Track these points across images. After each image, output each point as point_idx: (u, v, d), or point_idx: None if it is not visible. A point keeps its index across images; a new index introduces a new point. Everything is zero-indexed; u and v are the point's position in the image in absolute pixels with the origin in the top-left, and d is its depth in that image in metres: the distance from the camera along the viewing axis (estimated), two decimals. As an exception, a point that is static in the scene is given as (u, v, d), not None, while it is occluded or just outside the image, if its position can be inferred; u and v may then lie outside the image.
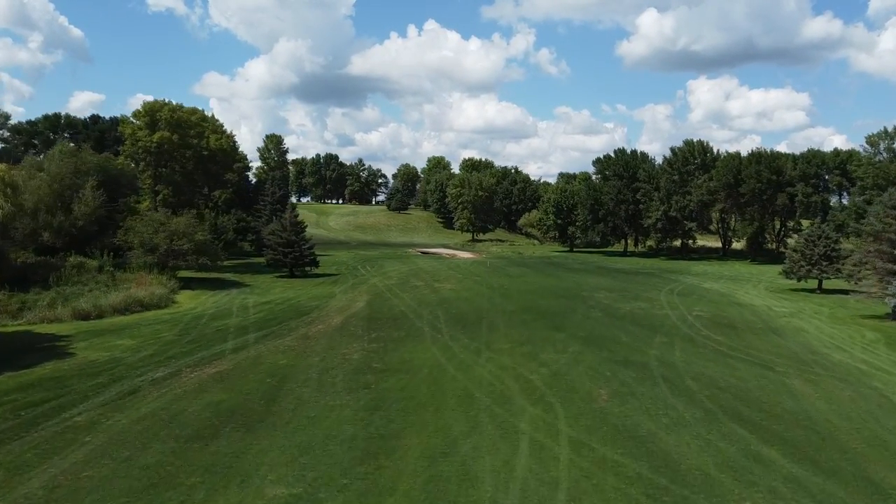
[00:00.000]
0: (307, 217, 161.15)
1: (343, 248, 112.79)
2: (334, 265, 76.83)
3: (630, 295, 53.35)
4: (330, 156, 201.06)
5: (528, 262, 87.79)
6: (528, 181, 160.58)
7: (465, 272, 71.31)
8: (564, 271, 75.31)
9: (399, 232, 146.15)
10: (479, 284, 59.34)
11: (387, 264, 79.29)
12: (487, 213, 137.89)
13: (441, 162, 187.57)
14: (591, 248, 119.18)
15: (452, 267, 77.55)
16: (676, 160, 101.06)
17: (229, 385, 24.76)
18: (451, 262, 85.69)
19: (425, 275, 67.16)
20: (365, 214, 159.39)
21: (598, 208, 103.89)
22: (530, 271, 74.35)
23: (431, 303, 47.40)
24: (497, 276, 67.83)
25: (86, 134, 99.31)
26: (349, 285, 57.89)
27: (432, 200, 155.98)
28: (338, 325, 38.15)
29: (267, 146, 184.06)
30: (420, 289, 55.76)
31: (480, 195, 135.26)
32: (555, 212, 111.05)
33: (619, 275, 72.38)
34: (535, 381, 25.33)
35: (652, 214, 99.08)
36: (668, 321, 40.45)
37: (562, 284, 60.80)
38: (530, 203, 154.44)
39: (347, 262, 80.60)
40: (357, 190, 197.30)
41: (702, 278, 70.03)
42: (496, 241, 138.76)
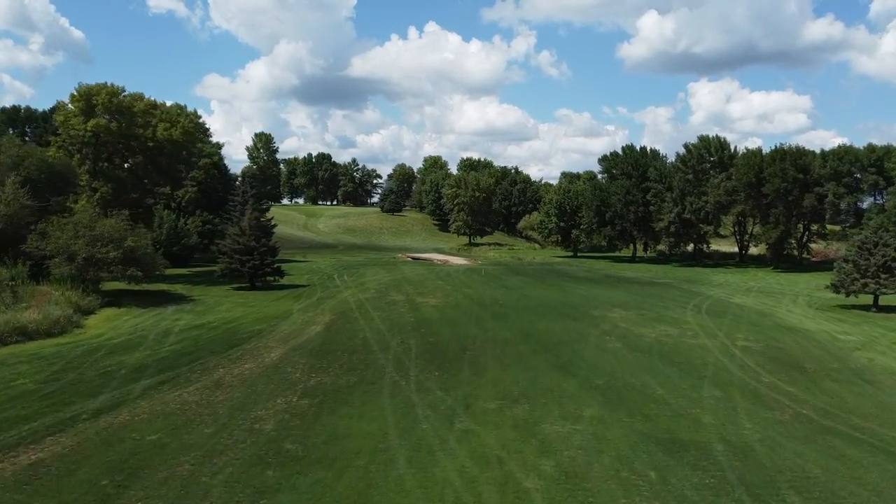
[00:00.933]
0: (295, 219, 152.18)
1: (328, 252, 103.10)
2: (308, 274, 67.03)
3: (650, 314, 43.45)
4: (322, 155, 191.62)
5: (528, 270, 77.99)
6: (528, 182, 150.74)
7: (456, 282, 61.49)
8: (569, 281, 65.43)
9: (391, 235, 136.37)
10: (469, 299, 49.48)
11: (368, 272, 69.49)
12: (485, 215, 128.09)
13: (438, 162, 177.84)
14: (596, 253, 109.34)
15: (442, 276, 67.72)
16: (691, 157, 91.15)
17: (28, 497, 14.94)
18: (442, 269, 75.92)
19: (409, 286, 57.37)
20: (356, 216, 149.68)
21: (605, 210, 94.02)
22: (530, 281, 64.50)
23: (406, 326, 37.58)
24: (492, 287, 58.02)
25: (44, 127, 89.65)
26: (314, 300, 48.07)
27: (427, 202, 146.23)
28: (271, 364, 28.30)
29: (256, 145, 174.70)
30: (398, 305, 45.93)
31: (478, 196, 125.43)
32: (557, 214, 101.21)
33: (632, 286, 62.51)
34: (532, 494, 15.43)
35: (664, 217, 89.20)
36: (710, 357, 30.56)
37: (567, 299, 50.94)
38: (531, 205, 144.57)
39: (324, 270, 70.81)
40: (350, 191, 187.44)
41: (727, 290, 60.08)
42: (494, 244, 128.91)
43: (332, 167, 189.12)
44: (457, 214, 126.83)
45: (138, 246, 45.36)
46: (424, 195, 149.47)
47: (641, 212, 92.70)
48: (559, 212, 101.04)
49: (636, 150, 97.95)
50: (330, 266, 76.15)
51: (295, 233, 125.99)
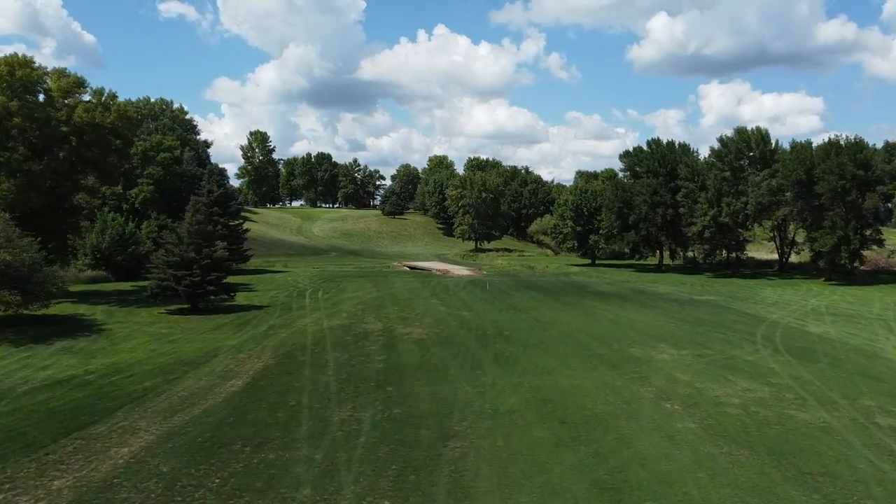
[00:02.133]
0: (289, 222, 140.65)
1: (317, 259, 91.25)
2: (277, 289, 55.07)
3: (713, 354, 31.12)
4: (322, 155, 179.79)
5: (540, 282, 65.71)
6: (540, 182, 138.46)
7: (454, 301, 49.38)
8: (591, 298, 53.12)
9: (391, 240, 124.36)
10: (466, 328, 37.33)
11: (351, 287, 57.48)
12: (493, 218, 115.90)
13: (444, 161, 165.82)
14: (616, 261, 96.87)
15: (439, 291, 55.63)
16: (727, 152, 78.56)
17: None
18: (440, 281, 63.80)
19: (393, 307, 45.31)
20: (355, 220, 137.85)
21: (628, 212, 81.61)
22: (544, 298, 52.26)
23: (368, 381, 25.47)
24: (497, 307, 45.87)
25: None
26: (260, 332, 36.04)
27: (431, 204, 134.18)
28: (103, 479, 16.22)
29: (251, 144, 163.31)
30: (369, 340, 33.83)
31: (485, 197, 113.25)
32: (573, 217, 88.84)
33: (670, 305, 50.15)
34: None
35: (697, 220, 76.67)
36: (856, 458, 18.17)
37: (594, 327, 38.67)
38: (543, 207, 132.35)
39: (299, 284, 58.84)
40: (351, 192, 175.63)
41: (791, 312, 47.57)
42: (503, 250, 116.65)
43: (332, 167, 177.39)
44: (461, 217, 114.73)
45: (15, 260, 33.41)
46: (427, 197, 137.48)
47: (670, 214, 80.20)
48: (575, 214, 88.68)
49: (663, 145, 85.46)
50: (309, 278, 64.16)
51: (286, 238, 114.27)
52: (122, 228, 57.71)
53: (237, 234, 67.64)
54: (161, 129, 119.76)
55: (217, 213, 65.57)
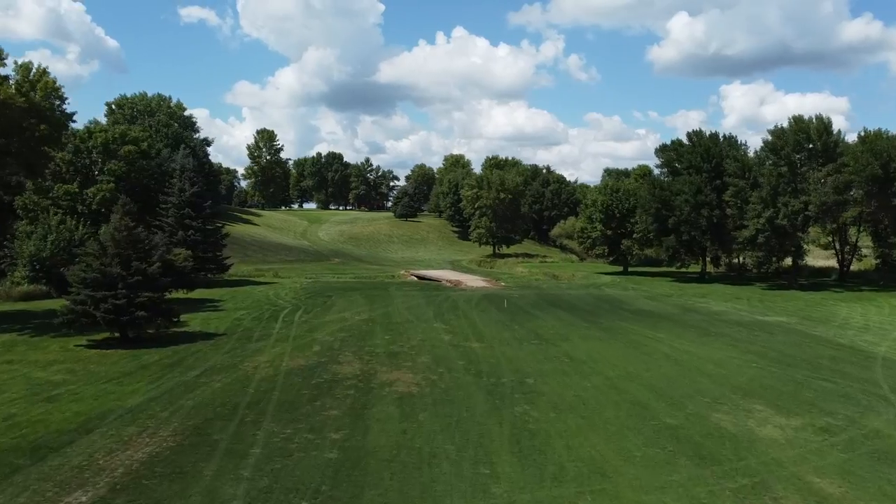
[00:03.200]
0: (294, 225, 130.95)
1: (317, 266, 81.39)
2: (247, 308, 44.97)
3: (847, 432, 20.40)
4: (333, 154, 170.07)
5: (568, 297, 55.05)
6: (563, 182, 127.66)
7: (463, 325, 39.01)
8: (635, 320, 42.41)
9: (402, 245, 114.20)
10: (474, 373, 26.96)
11: (339, 305, 47.31)
12: (512, 220, 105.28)
13: (460, 161, 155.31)
14: (651, 268, 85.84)
15: (446, 310, 45.30)
16: (783, 144, 67.25)
17: None
18: (449, 296, 53.43)
19: (384, 335, 35.09)
20: (364, 223, 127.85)
21: (667, 214, 70.60)
22: (576, 321, 41.70)
23: (302, 493, 15.20)
24: (517, 335, 35.48)
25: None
26: (188, 379, 25.81)
27: (445, 205, 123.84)
28: None
29: (257, 143, 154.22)
30: (334, 395, 23.59)
31: (503, 198, 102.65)
32: (602, 219, 77.98)
33: (737, 331, 39.28)
34: None
35: (750, 223, 65.45)
36: None
37: (649, 370, 28.09)
38: (567, 208, 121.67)
39: (278, 300, 48.75)
40: (363, 194, 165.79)
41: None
42: (523, 256, 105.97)
43: (343, 168, 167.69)
44: (478, 220, 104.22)
45: None
46: (442, 198, 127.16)
47: (717, 216, 69.04)
48: (605, 217, 77.84)
49: (706, 137, 74.28)
50: (295, 291, 54.05)
51: (287, 242, 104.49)
52: (69, 234, 47.98)
53: (214, 240, 57.72)
54: (155, 125, 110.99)
55: (189, 215, 55.80)
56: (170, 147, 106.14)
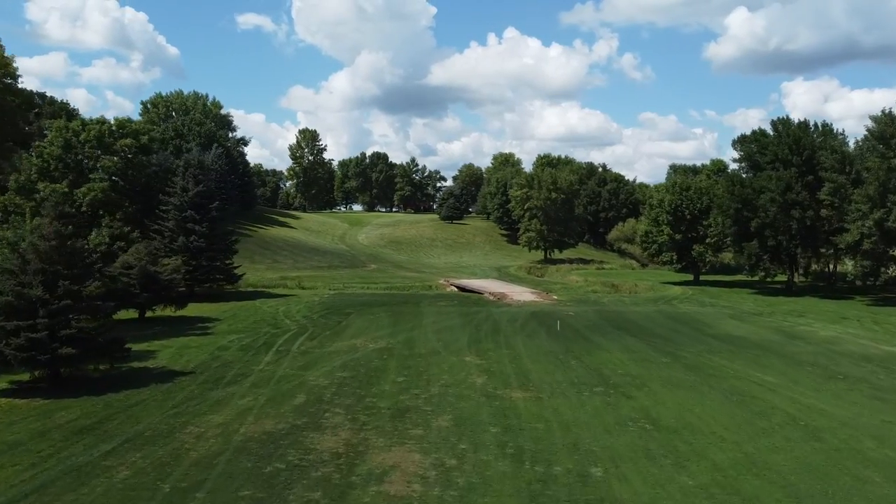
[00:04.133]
0: (334, 228, 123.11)
1: (349, 273, 73.41)
2: (243, 330, 36.84)
3: None
4: (377, 154, 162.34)
5: (635, 315, 45.25)
6: (621, 181, 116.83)
7: (502, 360, 29.97)
8: (728, 354, 32.49)
9: (445, 249, 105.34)
10: (509, 452, 18.02)
11: (355, 325, 38.81)
12: (565, 223, 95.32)
13: (510, 159, 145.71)
14: (723, 276, 74.91)
15: (484, 335, 36.31)
16: (894, 132, 55.80)
17: None
18: (490, 314, 44.33)
19: (397, 377, 26.38)
20: (407, 225, 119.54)
21: (749, 215, 59.88)
22: (651, 355, 32.15)
23: None
24: (573, 379, 26.33)
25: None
26: (64, 469, 17.40)
27: (493, 206, 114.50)
28: None
29: (299, 143, 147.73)
30: (290, 497, 14.87)
31: (555, 198, 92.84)
32: (670, 222, 67.54)
33: (874, 373, 29.06)
34: None
35: (853, 226, 54.34)
36: None
37: (777, 451, 18.58)
38: (626, 210, 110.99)
39: (284, 320, 40.50)
40: (408, 195, 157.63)
41: None
42: (577, 261, 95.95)
43: (388, 168, 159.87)
44: (528, 222, 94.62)
45: None
46: (489, 198, 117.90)
47: (809, 217, 58.04)
48: (674, 219, 67.41)
49: (794, 125, 63.14)
50: (310, 307, 45.79)
51: (324, 246, 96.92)
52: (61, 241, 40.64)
53: (223, 246, 50.00)
54: (188, 123, 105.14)
55: (191, 218, 48.15)
56: (201, 146, 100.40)
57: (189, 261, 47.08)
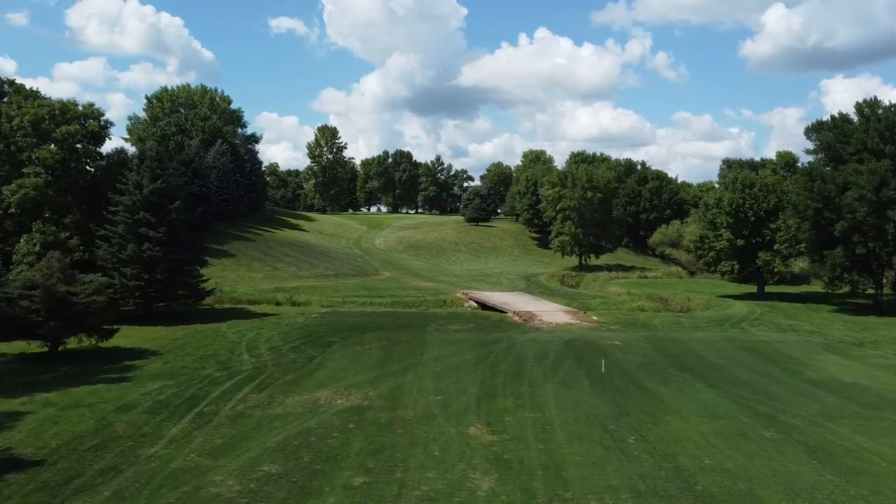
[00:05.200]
0: (350, 231, 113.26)
1: (357, 282, 63.83)
2: (177, 372, 27.23)
3: None
4: (401, 153, 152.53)
5: (700, 347, 34.59)
6: (663, 179, 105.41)
7: (524, 434, 19.90)
8: (860, 425, 21.89)
9: (469, 254, 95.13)
10: None
11: (332, 362, 29.06)
12: (602, 225, 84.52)
13: (541, 157, 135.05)
14: (790, 288, 63.43)
15: (499, 385, 26.22)
16: None
17: None
18: (513, 343, 34.16)
19: (347, 481, 16.39)
20: (429, 228, 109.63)
21: (831, 216, 48.68)
22: (738, 414, 21.80)
23: None
24: (637, 472, 16.20)
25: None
26: None
27: (522, 207, 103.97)
28: None
29: (318, 140, 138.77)
30: None
31: (591, 197, 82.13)
32: (730, 224, 56.41)
33: None
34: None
35: (971, 230, 42.98)
36: None
37: None
38: (669, 210, 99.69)
39: (237, 356, 30.84)
40: (433, 195, 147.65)
41: None
42: (616, 268, 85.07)
43: (411, 167, 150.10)
44: (560, 224, 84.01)
45: None
46: (518, 198, 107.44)
47: (911, 220, 46.61)
48: (736, 220, 56.30)
49: (888, 109, 51.63)
50: (284, 333, 36.10)
51: (336, 250, 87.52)
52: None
53: (186, 255, 40.63)
54: (191, 118, 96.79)
55: (146, 221, 38.84)
56: (204, 142, 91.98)
57: (141, 274, 37.85)
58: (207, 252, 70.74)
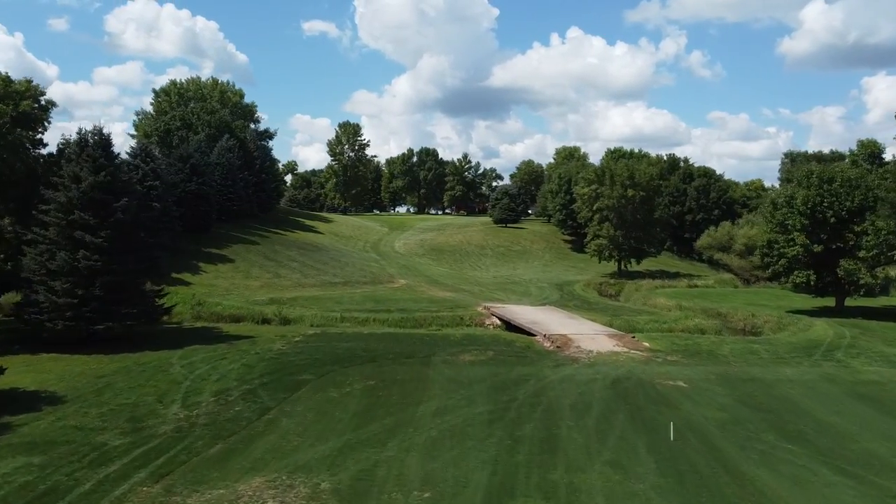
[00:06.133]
0: (369, 233, 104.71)
1: (368, 290, 55.82)
2: (71, 436, 18.97)
3: None
4: (426, 150, 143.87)
5: (799, 396, 25.34)
6: (711, 176, 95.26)
7: None
8: None
9: (496, 258, 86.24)
10: None
11: (283, 425, 20.57)
12: (644, 227, 75.02)
13: (574, 153, 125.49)
14: (870, 301, 53.24)
15: (516, 470, 17.47)
16: None
17: None
18: (541, 387, 25.41)
19: None
20: (454, 230, 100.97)
21: (940, 218, 38.85)
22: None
23: None
24: None
25: None
26: None
27: (554, 207, 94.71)
28: None
29: (338, 138, 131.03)
30: None
31: (632, 196, 72.74)
32: (805, 227, 46.66)
33: None
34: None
35: None
36: None
37: None
38: (718, 211, 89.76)
39: (165, 406, 22.56)
40: (460, 195, 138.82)
41: None
42: (660, 275, 75.56)
43: (437, 166, 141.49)
44: (597, 226, 74.76)
45: None
46: (550, 197, 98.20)
47: None
48: (812, 223, 46.57)
49: None
50: (246, 368, 27.81)
51: (350, 253, 79.46)
52: None
53: (141, 265, 32.61)
54: (198, 111, 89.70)
55: (83, 223, 30.89)
56: (210, 136, 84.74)
57: (74, 289, 29.94)
58: (201, 257, 63.52)
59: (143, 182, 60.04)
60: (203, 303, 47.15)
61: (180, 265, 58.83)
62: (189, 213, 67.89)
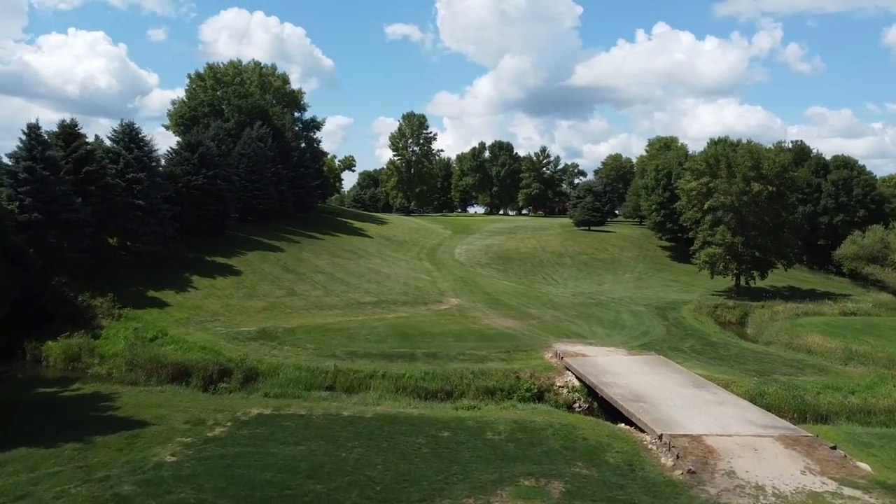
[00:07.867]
0: (427, 237, 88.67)
1: (406, 316, 41.14)
2: None
3: None
4: (499, 144, 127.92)
5: None
6: (853, 168, 75.36)
7: None
8: None
9: (577, 269, 69.78)
10: None
11: None
12: (773, 231, 56.87)
13: (671, 144, 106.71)
14: None
15: None
16: None
17: None
18: None
19: None
20: (526, 234, 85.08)
21: None
22: None
23: None
24: None
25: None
26: None
27: (648, 206, 77.21)
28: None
29: (402, 130, 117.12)
30: None
31: (758, 192, 54.88)
32: None
33: None
34: None
35: None
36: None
37: None
38: (864, 212, 70.33)
39: None
40: (536, 194, 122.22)
41: None
42: (792, 294, 57.40)
43: (511, 161, 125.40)
44: (708, 231, 57.34)
45: None
46: (644, 195, 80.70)
47: None
48: None
49: None
50: None
51: (399, 262, 65.04)
52: None
53: None
54: (227, 97, 77.78)
55: None
56: (240, 123, 72.42)
57: None
58: (199, 268, 48.59)
59: (124, 174, 48.06)
60: (161, 336, 33.89)
61: (164, 279, 45.74)
62: (192, 212, 55.29)
